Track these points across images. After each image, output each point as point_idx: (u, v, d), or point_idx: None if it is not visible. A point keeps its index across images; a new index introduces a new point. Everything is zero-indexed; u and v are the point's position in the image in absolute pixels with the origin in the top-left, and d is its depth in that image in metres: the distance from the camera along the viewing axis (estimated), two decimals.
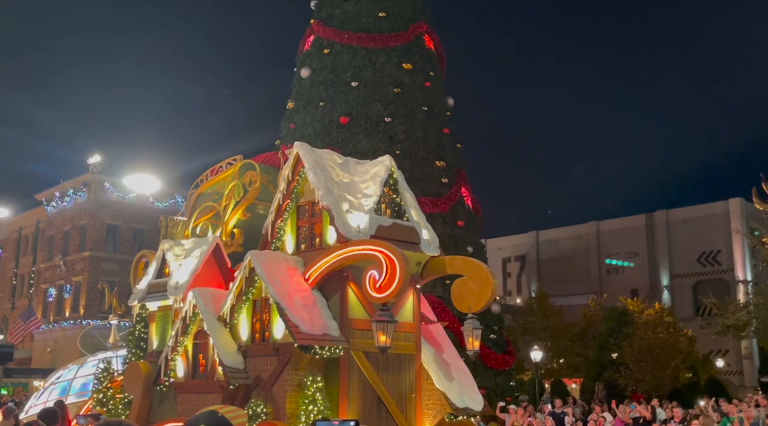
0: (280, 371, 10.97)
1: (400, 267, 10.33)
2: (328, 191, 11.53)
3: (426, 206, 26.39)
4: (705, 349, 44.18)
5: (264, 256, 11.52)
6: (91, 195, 47.94)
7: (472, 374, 24.52)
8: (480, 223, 29.67)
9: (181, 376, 12.15)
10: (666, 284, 55.34)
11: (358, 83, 28.19)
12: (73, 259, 47.95)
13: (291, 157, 12.08)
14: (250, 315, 11.56)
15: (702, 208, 54.46)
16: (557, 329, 42.86)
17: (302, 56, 30.47)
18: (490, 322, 27.03)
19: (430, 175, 27.43)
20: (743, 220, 50.16)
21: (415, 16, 30.18)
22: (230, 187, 13.84)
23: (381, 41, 28.88)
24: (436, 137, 28.48)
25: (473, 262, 12.00)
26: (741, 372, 48.54)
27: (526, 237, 63.06)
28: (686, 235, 54.49)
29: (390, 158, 12.60)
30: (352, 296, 11.34)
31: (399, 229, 11.79)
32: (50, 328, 45.78)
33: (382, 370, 11.43)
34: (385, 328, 10.45)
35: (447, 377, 12.21)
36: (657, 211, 57.14)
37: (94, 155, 48.83)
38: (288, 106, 30.03)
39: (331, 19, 29.90)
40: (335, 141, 27.30)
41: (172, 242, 13.66)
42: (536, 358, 32.91)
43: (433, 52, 30.65)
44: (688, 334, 39.32)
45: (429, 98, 29.01)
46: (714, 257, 53.58)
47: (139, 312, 13.64)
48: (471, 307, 11.47)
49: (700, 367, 39.79)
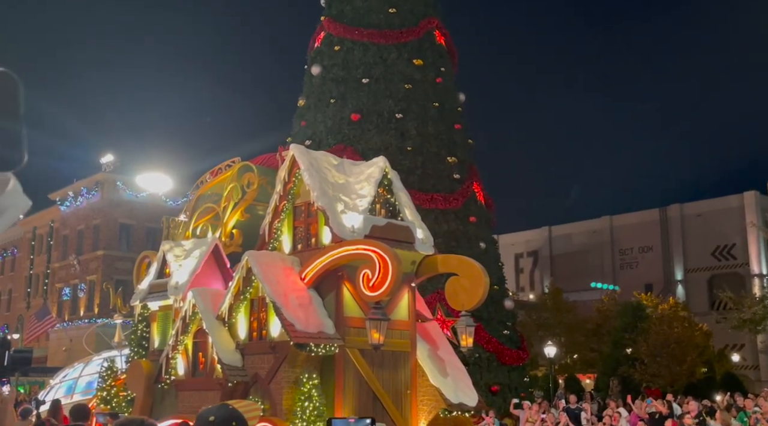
0: (276, 369, 11.23)
1: (392, 266, 10.58)
2: (323, 192, 11.79)
3: (438, 202, 26.38)
4: (720, 343, 43.85)
5: (261, 257, 11.80)
6: (105, 194, 48.22)
7: (486, 370, 24.62)
8: (492, 218, 29.57)
9: (181, 374, 12.45)
10: (680, 279, 54.99)
11: (369, 80, 28.13)
12: (87, 258, 48.27)
13: (287, 159, 12.39)
14: (248, 314, 11.82)
15: (716, 202, 54.05)
16: (571, 325, 42.68)
17: (313, 53, 30.43)
18: (503, 319, 26.96)
19: (441, 171, 27.36)
20: (759, 214, 49.75)
21: (425, 11, 30.07)
22: (229, 188, 14.17)
23: (392, 37, 28.80)
24: (448, 133, 28.39)
25: (466, 260, 12.22)
26: (757, 366, 48.17)
27: (539, 232, 62.83)
28: (701, 229, 54.10)
29: (384, 159, 12.88)
30: (347, 295, 11.57)
31: (393, 228, 12.08)
32: (65, 326, 46.11)
33: (378, 367, 11.68)
34: (378, 326, 10.70)
35: (442, 373, 12.49)
36: (671, 205, 56.77)
37: (107, 154, 49.12)
38: (299, 103, 30.02)
39: (341, 15, 29.85)
40: (346, 138, 27.28)
41: (172, 243, 13.98)
42: (550, 353, 32.78)
43: (443, 48, 30.53)
44: (703, 328, 39.04)
45: (440, 94, 28.92)
46: (729, 251, 53.18)
47: (141, 311, 13.99)
48: (464, 305, 11.81)
49: (715, 362, 39.49)
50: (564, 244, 61.00)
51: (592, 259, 58.64)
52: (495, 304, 26.58)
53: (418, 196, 26.21)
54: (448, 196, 26.70)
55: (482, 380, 24.63)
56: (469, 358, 24.20)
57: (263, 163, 14.64)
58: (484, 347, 24.87)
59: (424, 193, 26.29)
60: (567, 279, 53.77)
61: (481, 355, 24.80)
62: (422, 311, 12.95)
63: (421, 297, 13.20)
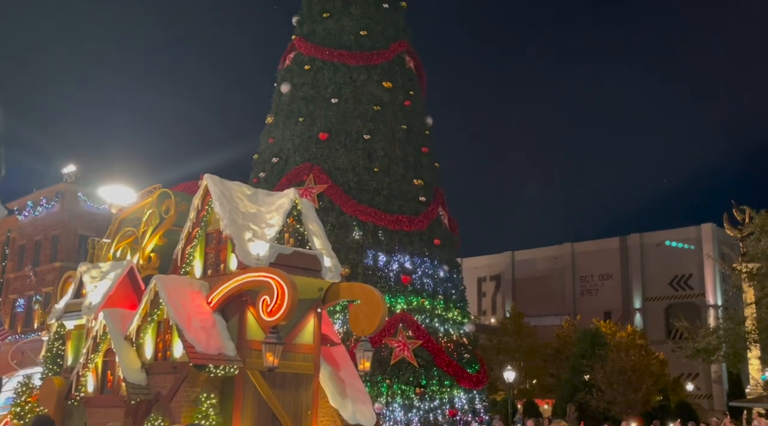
0: (177, 388, 11.76)
1: (288, 292, 11.14)
2: (232, 221, 12.41)
3: (403, 224, 26.50)
4: (676, 372, 44.56)
5: (168, 280, 12.41)
6: (65, 205, 47.32)
7: (445, 392, 24.64)
8: (456, 242, 29.78)
9: (90, 391, 13.00)
10: (638, 307, 55.85)
11: (338, 100, 28.28)
12: (43, 269, 47.23)
13: (201, 188, 13.08)
14: (155, 335, 12.41)
15: (675, 233, 55.17)
16: (531, 349, 42.97)
17: (283, 71, 30.50)
18: (464, 342, 27.05)
19: (407, 193, 27.52)
20: (715, 246, 50.89)
21: (396, 35, 30.41)
22: (148, 214, 14.80)
23: (362, 59, 29.03)
24: (415, 155, 28.61)
25: (367, 288, 12.79)
26: (710, 396, 49.00)
27: (502, 257, 63.36)
28: (659, 258, 55.14)
29: (295, 191, 13.48)
30: (251, 319, 12.05)
31: (300, 257, 12.57)
32: (18, 339, 44.92)
33: (279, 389, 12.17)
34: (273, 349, 11.25)
35: (341, 395, 13.08)
36: (631, 235, 57.78)
37: (69, 165, 48.30)
38: (267, 120, 30.00)
39: (312, 35, 30.02)
40: (314, 156, 27.32)
41: (89, 265, 14.68)
42: (509, 378, 32.92)
43: (413, 72, 30.87)
44: (659, 357, 39.63)
45: (408, 117, 29.17)
46: (686, 281, 54.24)
47: (57, 330, 14.45)
48: (364, 330, 12.38)
49: (670, 390, 40.09)
50: (526, 268, 61.60)
51: (553, 284, 59.29)
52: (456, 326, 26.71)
53: (383, 217, 26.33)
54: (413, 218, 26.85)
55: (441, 403, 24.66)
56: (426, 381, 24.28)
57: (185, 190, 15.30)
58: (444, 370, 24.92)
59: (389, 214, 26.40)
60: (528, 304, 54.24)
61: (440, 377, 24.83)
62: (330, 336, 13.49)
63: (330, 322, 13.88)
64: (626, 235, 58.00)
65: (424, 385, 24.22)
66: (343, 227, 25.84)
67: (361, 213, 26.03)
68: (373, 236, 26.02)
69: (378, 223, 26.12)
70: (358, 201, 26.28)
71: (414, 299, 25.51)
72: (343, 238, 25.51)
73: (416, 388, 23.99)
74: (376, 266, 25.46)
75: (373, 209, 26.23)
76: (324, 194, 26.34)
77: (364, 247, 25.71)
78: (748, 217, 31.93)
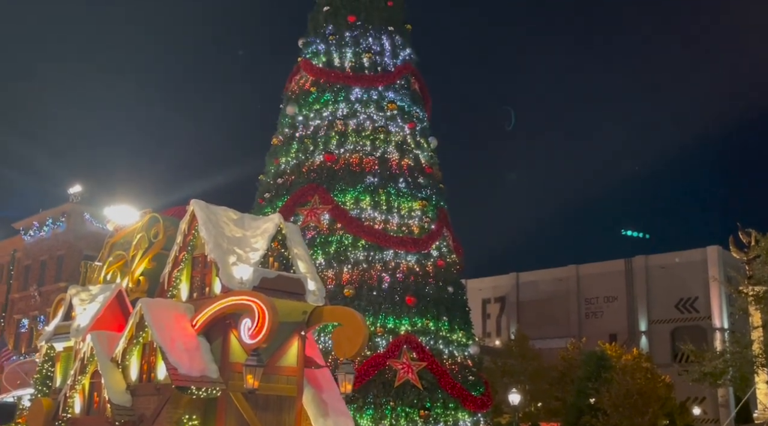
0: (160, 409, 11.92)
1: (268, 316, 11.37)
2: (217, 245, 12.65)
3: (408, 245, 26.47)
4: (682, 395, 44.16)
5: (154, 304, 12.67)
6: (70, 225, 47.44)
7: (450, 415, 24.44)
8: (461, 263, 29.70)
9: (77, 412, 13.22)
10: (644, 329, 55.52)
11: (343, 122, 28.40)
12: (48, 289, 47.24)
13: (188, 213, 13.36)
14: (140, 357, 12.66)
15: (680, 255, 55.00)
16: (536, 372, 42.68)
17: (288, 93, 30.70)
18: (468, 364, 26.88)
19: (412, 213, 27.47)
20: (720, 268, 50.67)
21: (401, 57, 30.59)
22: (137, 238, 15.09)
23: (367, 81, 29.20)
24: (420, 176, 28.60)
25: (349, 311, 13.09)
26: (717, 420, 48.51)
27: (507, 278, 63.16)
28: (665, 281, 54.90)
29: (279, 216, 13.70)
30: (234, 341, 12.26)
31: (284, 280, 12.72)
32: (22, 359, 44.81)
33: (262, 411, 12.34)
34: (254, 372, 11.48)
35: (323, 416, 13.27)
36: (636, 257, 57.60)
37: (75, 186, 48.50)
38: (273, 141, 30.14)
39: (318, 57, 30.24)
40: (318, 178, 27.38)
41: (79, 287, 14.99)
42: (514, 401, 32.67)
43: (418, 94, 31.03)
44: (665, 380, 39.31)
45: (414, 138, 29.24)
46: (692, 304, 53.95)
47: (47, 351, 14.75)
48: (346, 353, 12.67)
49: (677, 414, 39.75)
50: (531, 290, 61.37)
51: (558, 306, 59.03)
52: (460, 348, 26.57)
53: (388, 238, 26.31)
54: (418, 240, 26.82)
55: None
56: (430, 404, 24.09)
57: (174, 215, 15.55)
58: (448, 392, 24.74)
59: (394, 235, 26.38)
60: (533, 326, 54.00)
61: (444, 399, 24.65)
62: (315, 359, 13.65)
63: (315, 344, 14.13)
64: (631, 257, 57.84)
65: (428, 408, 24.02)
66: (347, 248, 25.84)
67: (365, 233, 26.04)
68: (377, 257, 25.99)
69: (382, 243, 26.12)
70: (363, 222, 26.30)
71: (419, 321, 25.42)
72: (347, 259, 25.51)
73: (420, 411, 23.78)
74: (380, 287, 25.40)
75: (378, 230, 26.26)
76: (329, 214, 26.38)
77: (368, 268, 25.67)
78: (754, 239, 31.81)
